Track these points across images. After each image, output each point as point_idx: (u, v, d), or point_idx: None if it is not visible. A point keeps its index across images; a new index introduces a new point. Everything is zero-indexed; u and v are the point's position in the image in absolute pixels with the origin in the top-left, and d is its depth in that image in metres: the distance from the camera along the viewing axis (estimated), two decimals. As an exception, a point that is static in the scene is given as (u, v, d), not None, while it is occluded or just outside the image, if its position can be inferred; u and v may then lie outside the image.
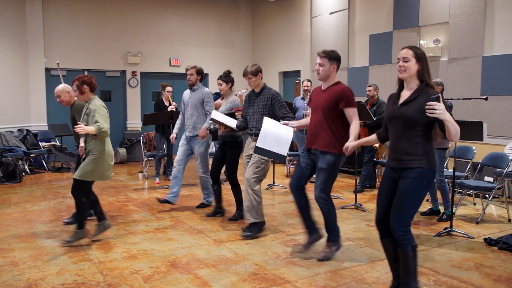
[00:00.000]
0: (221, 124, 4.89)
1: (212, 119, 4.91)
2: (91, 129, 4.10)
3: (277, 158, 4.12)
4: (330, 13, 9.53)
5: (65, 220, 5.18)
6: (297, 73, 10.60)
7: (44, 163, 8.95)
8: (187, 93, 5.82)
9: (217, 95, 7.14)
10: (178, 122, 5.96)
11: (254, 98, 4.77)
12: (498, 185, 5.61)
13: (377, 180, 7.50)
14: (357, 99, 7.12)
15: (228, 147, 5.22)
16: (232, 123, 4.91)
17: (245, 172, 4.68)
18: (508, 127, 6.52)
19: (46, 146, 9.07)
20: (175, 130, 5.94)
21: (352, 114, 3.80)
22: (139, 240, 4.51)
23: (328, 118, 3.83)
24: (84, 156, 4.38)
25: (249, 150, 4.75)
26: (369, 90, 6.91)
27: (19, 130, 9.14)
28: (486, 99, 5.03)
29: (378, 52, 8.50)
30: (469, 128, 4.56)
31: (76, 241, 4.32)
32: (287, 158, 8.39)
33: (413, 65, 2.94)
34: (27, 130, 9.12)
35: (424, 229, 4.97)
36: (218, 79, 5.42)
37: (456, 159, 5.02)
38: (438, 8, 7.42)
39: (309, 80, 7.77)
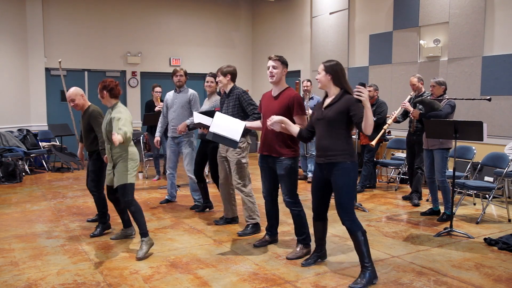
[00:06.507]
0: (204, 127, 4.71)
1: (197, 124, 4.73)
2: (119, 138, 3.74)
3: (230, 145, 4.10)
4: (330, 13, 9.53)
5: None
6: (297, 73, 10.59)
7: (44, 163, 8.96)
8: (171, 94, 5.89)
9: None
10: (159, 125, 6.03)
11: (225, 99, 4.82)
12: (498, 185, 5.61)
13: (377, 180, 7.50)
14: (357, 99, 7.22)
15: (209, 147, 5.25)
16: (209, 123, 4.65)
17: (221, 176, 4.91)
18: (508, 127, 6.52)
19: (46, 146, 9.07)
20: (157, 134, 6.01)
21: (300, 122, 3.88)
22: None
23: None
24: (112, 164, 4.20)
25: (221, 152, 4.81)
26: (369, 91, 6.91)
27: (19, 130, 9.14)
28: (489, 100, 5.02)
29: (378, 52, 8.50)
30: (469, 128, 4.54)
31: (147, 253, 4.08)
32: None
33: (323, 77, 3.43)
34: (27, 130, 9.12)
35: (424, 229, 4.97)
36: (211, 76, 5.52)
37: (456, 159, 5.02)
38: (438, 8, 7.42)
39: (308, 80, 7.76)
